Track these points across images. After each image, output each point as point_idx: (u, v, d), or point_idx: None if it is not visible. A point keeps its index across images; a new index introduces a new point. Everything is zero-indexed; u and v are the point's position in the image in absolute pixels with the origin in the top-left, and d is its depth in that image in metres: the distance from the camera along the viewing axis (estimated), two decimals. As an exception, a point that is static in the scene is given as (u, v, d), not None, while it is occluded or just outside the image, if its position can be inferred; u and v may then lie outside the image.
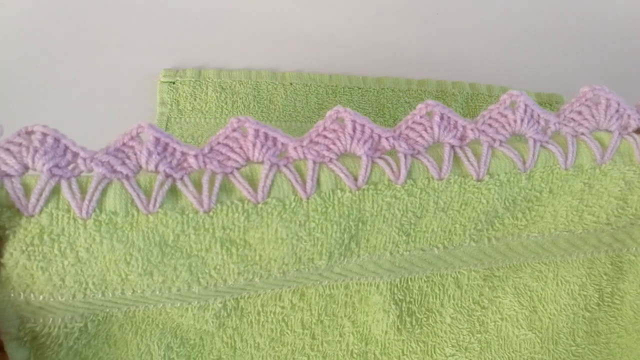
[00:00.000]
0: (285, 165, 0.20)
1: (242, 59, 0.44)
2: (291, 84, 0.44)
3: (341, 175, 0.20)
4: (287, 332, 0.26)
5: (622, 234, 0.26)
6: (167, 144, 0.19)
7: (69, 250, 0.19)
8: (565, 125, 0.22)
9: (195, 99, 0.43)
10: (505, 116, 0.21)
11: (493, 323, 0.28)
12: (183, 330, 0.25)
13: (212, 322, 0.25)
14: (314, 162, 0.20)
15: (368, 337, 0.27)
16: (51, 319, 0.21)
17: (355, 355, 0.27)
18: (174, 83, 0.43)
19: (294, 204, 0.20)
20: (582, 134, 0.22)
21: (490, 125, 0.22)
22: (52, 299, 0.20)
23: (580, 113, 0.22)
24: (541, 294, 0.27)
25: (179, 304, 0.23)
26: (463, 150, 0.21)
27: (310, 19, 0.46)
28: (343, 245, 0.22)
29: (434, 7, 0.46)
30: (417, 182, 0.21)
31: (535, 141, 0.22)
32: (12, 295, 0.19)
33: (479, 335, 0.28)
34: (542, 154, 0.22)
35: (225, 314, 0.25)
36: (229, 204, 0.19)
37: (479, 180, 0.21)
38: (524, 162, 0.22)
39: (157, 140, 0.19)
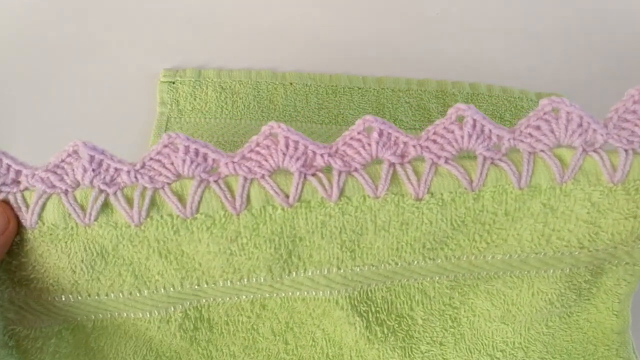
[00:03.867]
0: (216, 181, 0.20)
1: (242, 59, 0.44)
2: (291, 84, 0.44)
3: (271, 192, 0.20)
4: (259, 339, 0.26)
5: (603, 254, 0.24)
6: (101, 161, 0.19)
7: (30, 253, 0.20)
8: (522, 141, 0.20)
9: (195, 99, 0.43)
10: (452, 132, 0.20)
11: (466, 319, 0.27)
12: (156, 344, 0.25)
13: (181, 335, 0.25)
14: (245, 179, 0.20)
15: (341, 343, 0.27)
16: (30, 320, 0.22)
17: (331, 357, 0.27)
18: (174, 83, 0.43)
19: (223, 219, 0.20)
20: (542, 150, 0.21)
21: (434, 141, 0.20)
22: (27, 297, 0.21)
23: (538, 128, 0.20)
24: (515, 299, 0.26)
25: (140, 314, 0.23)
26: (404, 168, 0.20)
27: (310, 19, 0.46)
28: (282, 260, 0.22)
29: (434, 7, 0.46)
30: (352, 200, 0.20)
31: (485, 158, 0.20)
32: None
33: (452, 330, 0.27)
34: (492, 172, 0.20)
35: (192, 327, 0.25)
36: (159, 218, 0.20)
37: (418, 199, 0.20)
38: (471, 181, 0.20)
39: (92, 157, 0.19)
